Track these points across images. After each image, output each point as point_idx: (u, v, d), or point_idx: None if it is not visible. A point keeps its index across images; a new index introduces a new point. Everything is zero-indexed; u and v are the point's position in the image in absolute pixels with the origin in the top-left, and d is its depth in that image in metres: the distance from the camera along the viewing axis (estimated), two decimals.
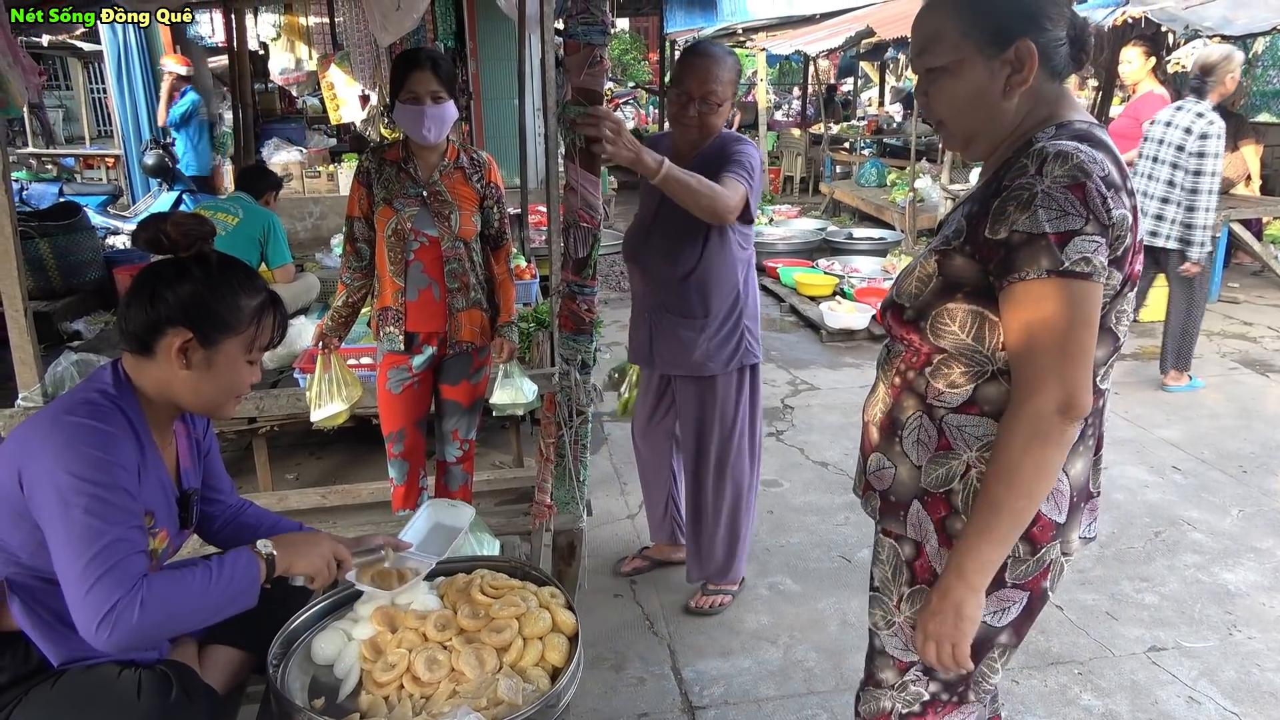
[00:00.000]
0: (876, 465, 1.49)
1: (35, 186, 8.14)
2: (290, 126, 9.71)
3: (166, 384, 1.57)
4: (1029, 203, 1.21)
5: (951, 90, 1.34)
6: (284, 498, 3.54)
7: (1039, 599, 1.44)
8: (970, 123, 1.36)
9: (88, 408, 1.49)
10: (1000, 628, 1.44)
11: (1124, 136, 5.55)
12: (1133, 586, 3.13)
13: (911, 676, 1.53)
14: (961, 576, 1.32)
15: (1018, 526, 1.29)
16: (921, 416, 1.41)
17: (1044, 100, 1.34)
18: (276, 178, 4.95)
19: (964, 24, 1.30)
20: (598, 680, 2.63)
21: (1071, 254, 1.19)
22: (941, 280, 1.34)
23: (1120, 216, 1.23)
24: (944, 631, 1.34)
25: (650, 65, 22.32)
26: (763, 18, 12.33)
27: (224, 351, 1.57)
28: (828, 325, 5.99)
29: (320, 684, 1.73)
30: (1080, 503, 1.40)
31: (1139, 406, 4.78)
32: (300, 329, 4.00)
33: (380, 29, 5.14)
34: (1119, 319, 1.33)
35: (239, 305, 1.57)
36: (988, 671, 1.49)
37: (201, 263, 1.58)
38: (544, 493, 2.58)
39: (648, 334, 2.82)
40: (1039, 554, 1.38)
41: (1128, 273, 1.29)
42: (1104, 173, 1.22)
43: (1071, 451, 1.35)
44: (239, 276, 1.60)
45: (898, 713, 1.57)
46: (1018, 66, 1.30)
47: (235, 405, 1.67)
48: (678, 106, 2.57)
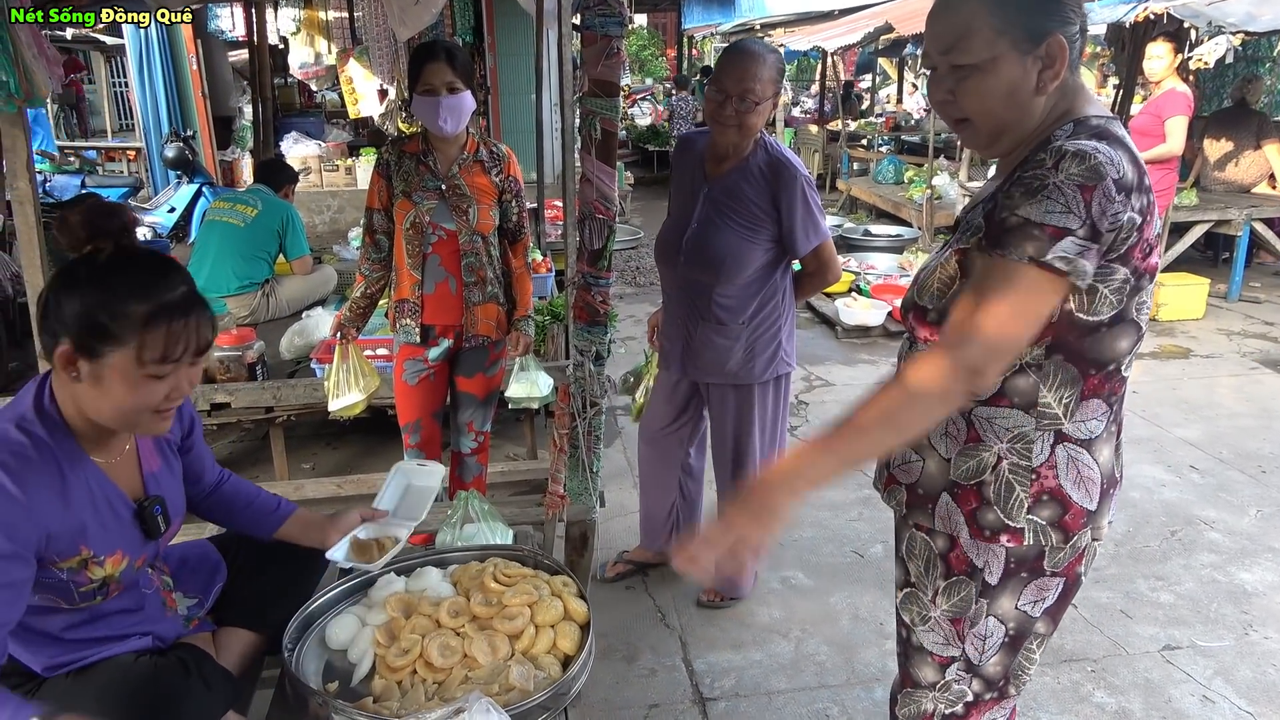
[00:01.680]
0: (902, 459, 1.49)
1: (58, 178, 8.23)
2: (309, 120, 9.77)
3: (75, 398, 1.43)
4: (1037, 191, 1.22)
5: (985, 88, 1.31)
6: (300, 487, 3.57)
7: (1074, 584, 1.45)
8: (1000, 120, 1.34)
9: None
10: (1037, 617, 1.45)
11: (1145, 134, 5.51)
12: (1148, 585, 3.11)
13: (953, 675, 1.52)
14: (795, 474, 1.29)
15: (872, 455, 1.34)
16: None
17: (1064, 95, 1.34)
18: (294, 171, 4.99)
19: (999, 20, 1.28)
20: (609, 670, 2.64)
21: (1057, 250, 1.20)
22: (964, 280, 1.34)
23: (1127, 220, 1.23)
24: (744, 524, 1.28)
25: (668, 61, 22.30)
26: (780, 13, 12.30)
27: (111, 365, 1.37)
28: (843, 322, 5.98)
29: (334, 668, 1.75)
30: (1110, 489, 1.41)
31: (1156, 405, 4.74)
32: (317, 320, 4.04)
33: (399, 23, 5.16)
34: (1139, 310, 1.34)
35: (124, 312, 1.36)
36: (1025, 663, 1.50)
37: (89, 262, 1.40)
38: (557, 483, 2.59)
39: (682, 342, 2.73)
40: (1072, 540, 1.39)
41: (1143, 267, 1.29)
42: (1119, 174, 1.22)
43: (1098, 440, 1.38)
44: (134, 278, 1.39)
45: (940, 713, 1.55)
46: (1049, 62, 1.29)
47: (162, 420, 1.47)
48: (714, 105, 2.46)
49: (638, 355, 5.61)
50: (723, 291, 2.58)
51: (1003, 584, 1.43)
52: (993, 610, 1.45)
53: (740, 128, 2.46)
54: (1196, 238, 6.71)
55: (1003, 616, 1.45)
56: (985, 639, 1.47)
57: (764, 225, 2.52)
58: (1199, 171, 7.17)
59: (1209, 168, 7.16)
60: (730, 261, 2.53)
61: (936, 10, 1.35)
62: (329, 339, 3.06)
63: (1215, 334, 5.98)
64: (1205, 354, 5.59)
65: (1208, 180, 7.19)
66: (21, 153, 2.52)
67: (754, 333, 2.63)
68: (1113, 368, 1.35)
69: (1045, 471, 1.36)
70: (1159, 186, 5.57)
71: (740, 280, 2.56)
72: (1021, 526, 1.38)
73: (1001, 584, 1.43)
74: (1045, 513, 1.37)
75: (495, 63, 8.00)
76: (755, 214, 2.51)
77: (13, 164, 2.53)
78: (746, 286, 2.58)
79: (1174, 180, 5.68)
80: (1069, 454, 1.37)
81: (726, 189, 2.54)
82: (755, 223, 2.52)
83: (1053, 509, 1.37)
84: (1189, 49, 6.56)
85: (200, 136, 8.54)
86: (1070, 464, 1.37)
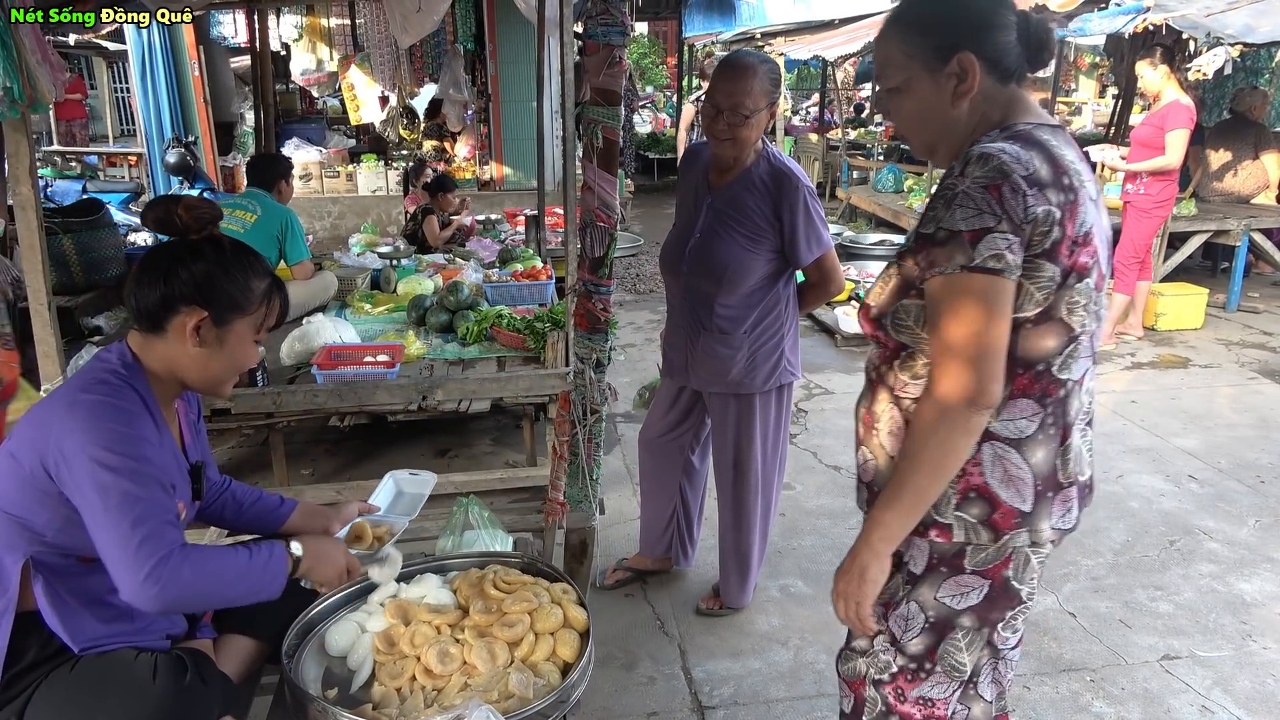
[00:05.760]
0: (862, 458, 1.60)
1: (59, 183, 8.25)
2: (310, 127, 9.79)
3: (174, 361, 1.62)
4: (951, 201, 1.30)
5: (906, 107, 1.44)
6: (299, 492, 3.57)
7: (1000, 588, 1.48)
8: (928, 133, 1.46)
9: (104, 387, 1.53)
10: (959, 610, 1.50)
11: (1147, 145, 5.52)
12: (1147, 595, 3.11)
13: (880, 646, 1.61)
14: (868, 543, 1.44)
15: (922, 502, 1.39)
16: (892, 408, 1.50)
17: (996, 105, 1.41)
18: (285, 163, 4.81)
19: (907, 46, 1.41)
20: (608, 678, 2.64)
21: (984, 250, 1.27)
22: (899, 280, 1.44)
23: (1043, 213, 1.28)
24: (850, 590, 1.47)
25: (669, 69, 22.36)
26: (781, 23, 12.32)
27: (235, 331, 1.62)
28: (842, 330, 5.98)
29: (334, 675, 1.75)
30: (1048, 492, 1.43)
31: (1156, 415, 4.75)
32: (318, 326, 4.03)
33: (401, 30, 5.19)
34: (1071, 310, 1.36)
35: (251, 286, 1.63)
36: (953, 649, 1.54)
37: (215, 245, 1.63)
38: (557, 490, 2.59)
39: (685, 350, 2.73)
40: (1000, 541, 1.43)
41: (1069, 264, 1.32)
42: (1027, 171, 1.28)
43: (1029, 440, 1.40)
44: (250, 259, 1.66)
45: (870, 678, 1.64)
46: (961, 77, 1.38)
47: (233, 385, 1.73)
48: (708, 119, 2.48)
49: (638, 362, 5.62)
50: (724, 301, 2.58)
51: (925, 575, 1.51)
52: (914, 596, 1.53)
53: (734, 141, 2.47)
54: (1195, 248, 6.73)
55: (923, 604, 1.52)
56: (907, 620, 1.55)
57: (766, 236, 2.53)
58: (1198, 182, 7.19)
59: (1208, 178, 7.18)
60: (732, 271, 2.53)
61: (874, 43, 1.52)
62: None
63: (1214, 344, 5.99)
64: (1204, 364, 5.60)
65: (1206, 191, 7.20)
66: (24, 158, 2.52)
67: (755, 343, 2.63)
68: (1042, 368, 1.38)
69: (970, 468, 1.41)
70: (1160, 198, 5.58)
71: (742, 290, 2.57)
72: (949, 522, 1.43)
73: (924, 575, 1.51)
74: (974, 510, 1.42)
75: (497, 70, 8.03)
76: (758, 224, 2.52)
77: (15, 169, 2.53)
78: (748, 297, 2.58)
79: (1174, 192, 5.69)
80: (995, 452, 1.41)
81: (729, 199, 2.55)
82: (757, 233, 2.52)
83: (981, 506, 1.42)
84: (1185, 60, 6.59)
85: (202, 142, 8.54)
86: (996, 462, 1.41)
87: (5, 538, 1.51)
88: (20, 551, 1.51)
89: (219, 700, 1.62)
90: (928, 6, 1.42)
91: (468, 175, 8.44)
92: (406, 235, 6.17)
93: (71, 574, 1.55)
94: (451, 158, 8.98)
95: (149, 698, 1.51)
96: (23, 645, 1.53)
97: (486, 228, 6.47)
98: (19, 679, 1.52)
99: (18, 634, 1.52)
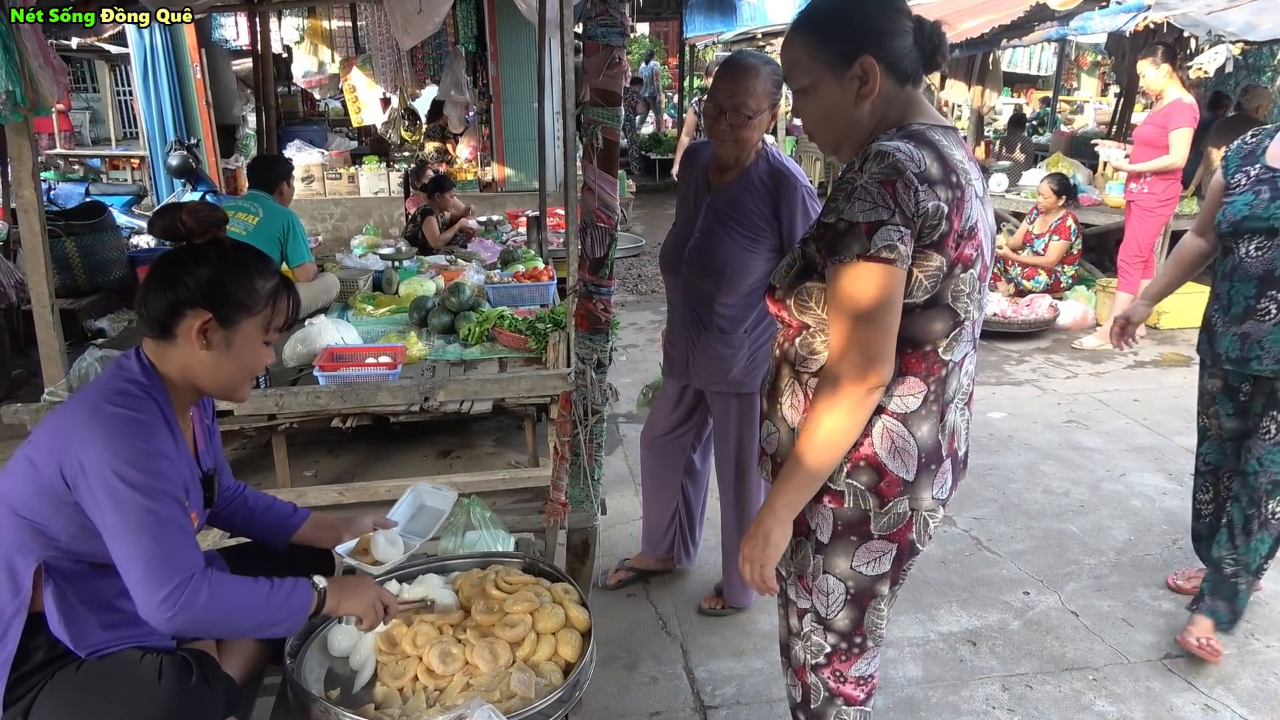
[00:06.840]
0: (766, 431, 1.66)
1: (62, 186, 8.26)
2: (312, 129, 9.80)
3: (187, 367, 1.63)
4: (851, 194, 1.39)
5: (813, 107, 1.52)
6: (302, 494, 3.58)
7: (907, 550, 1.60)
8: (832, 132, 1.54)
9: (125, 399, 1.53)
10: (875, 576, 1.61)
11: (1150, 145, 5.50)
12: (1149, 594, 3.11)
13: (809, 626, 1.70)
14: (771, 510, 1.53)
15: (818, 474, 1.50)
16: (793, 383, 1.58)
17: (894, 106, 1.49)
18: (286, 164, 4.78)
19: (812, 49, 1.48)
20: (610, 678, 2.64)
21: (878, 241, 1.36)
22: (803, 264, 1.53)
23: (933, 208, 1.36)
24: (755, 554, 1.55)
25: (670, 70, 22.36)
26: (782, 23, 12.32)
27: (242, 332, 1.63)
28: None
29: (336, 675, 1.76)
30: (930, 464, 1.53)
31: (1159, 414, 4.74)
32: (320, 328, 4.04)
33: (402, 32, 5.19)
34: (955, 297, 1.45)
35: (255, 287, 1.64)
36: (877, 619, 1.66)
37: (218, 247, 1.65)
38: (559, 490, 2.60)
39: (686, 350, 2.74)
40: (888, 506, 1.53)
41: (955, 256, 1.41)
42: (919, 169, 1.37)
43: (915, 415, 1.50)
44: (254, 260, 1.67)
45: (808, 663, 1.73)
46: (864, 79, 1.45)
47: (249, 388, 1.74)
48: (710, 119, 2.48)
49: (639, 362, 5.62)
50: (724, 301, 2.59)
51: (834, 544, 1.59)
52: (829, 568, 1.62)
53: (736, 141, 2.48)
54: None
55: (840, 576, 1.61)
56: (828, 595, 1.64)
57: (765, 235, 2.53)
58: (1200, 180, 7.17)
59: (1211, 176, 7.15)
60: (731, 271, 2.54)
61: (781, 46, 1.58)
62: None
63: None
64: None
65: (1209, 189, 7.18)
66: (27, 161, 2.52)
67: (756, 342, 2.64)
68: (929, 349, 1.48)
69: (863, 440, 1.50)
70: (1164, 196, 5.57)
71: (742, 290, 2.57)
72: (841, 489, 1.53)
73: (833, 544, 1.59)
74: (863, 478, 1.52)
75: (498, 71, 8.04)
76: (757, 224, 2.52)
77: (18, 172, 2.53)
78: (748, 296, 2.59)
79: (1178, 191, 5.68)
80: (885, 425, 1.50)
81: (728, 199, 2.55)
82: (757, 233, 2.53)
83: (869, 475, 1.52)
84: (1187, 59, 6.58)
85: (204, 145, 8.56)
86: (885, 435, 1.50)
87: (19, 541, 1.52)
88: (33, 555, 1.52)
89: (223, 701, 1.63)
90: (832, 13, 1.49)
91: (469, 176, 8.45)
92: (408, 237, 6.19)
93: (82, 578, 1.56)
94: (453, 159, 8.99)
95: (154, 698, 1.52)
96: (31, 646, 1.54)
97: (488, 229, 6.49)
98: (25, 679, 1.53)
99: (27, 635, 1.53)
